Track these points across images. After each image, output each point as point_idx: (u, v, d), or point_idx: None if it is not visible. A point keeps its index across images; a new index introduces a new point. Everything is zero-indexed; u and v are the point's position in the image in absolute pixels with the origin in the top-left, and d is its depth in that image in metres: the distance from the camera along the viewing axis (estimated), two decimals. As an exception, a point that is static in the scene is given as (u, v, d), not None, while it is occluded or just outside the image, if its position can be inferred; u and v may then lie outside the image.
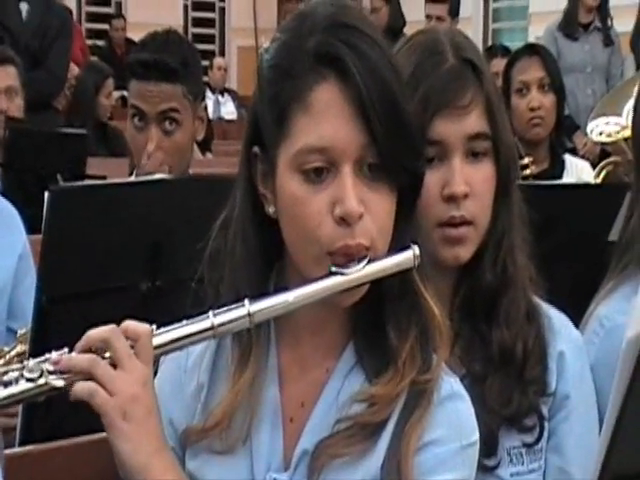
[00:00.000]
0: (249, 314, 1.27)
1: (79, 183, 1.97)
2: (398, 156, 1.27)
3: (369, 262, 1.28)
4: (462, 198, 1.57)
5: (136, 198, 2.02)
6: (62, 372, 1.23)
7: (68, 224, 1.91)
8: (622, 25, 6.38)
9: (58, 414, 1.79)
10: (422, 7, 6.00)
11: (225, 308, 1.28)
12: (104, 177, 3.45)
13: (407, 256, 1.29)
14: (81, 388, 1.23)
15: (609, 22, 6.28)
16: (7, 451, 1.56)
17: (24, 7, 5.59)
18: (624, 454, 0.83)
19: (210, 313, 1.27)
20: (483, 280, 1.60)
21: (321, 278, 1.28)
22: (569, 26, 6.13)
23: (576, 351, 1.63)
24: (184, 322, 1.28)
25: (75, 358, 1.23)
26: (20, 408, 1.87)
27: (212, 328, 1.27)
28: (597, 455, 0.84)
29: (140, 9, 11.06)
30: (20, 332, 2.16)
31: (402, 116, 1.28)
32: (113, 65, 7.17)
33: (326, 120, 1.26)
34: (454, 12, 5.96)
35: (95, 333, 1.24)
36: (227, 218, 1.38)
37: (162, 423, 1.26)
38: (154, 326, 1.28)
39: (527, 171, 3.48)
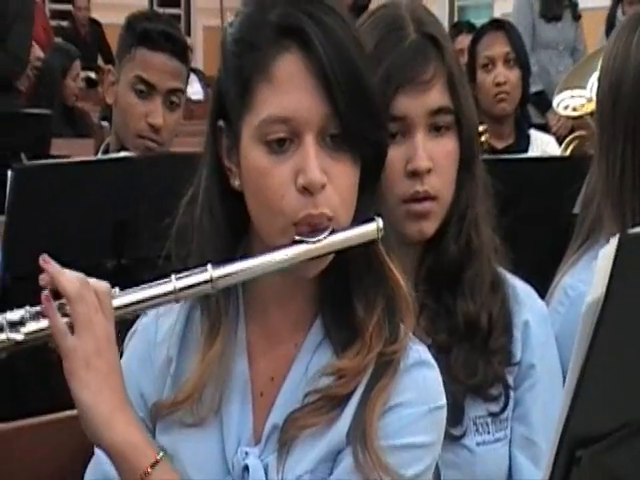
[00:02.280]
0: (211, 279, 1.28)
1: (43, 161, 1.96)
2: (360, 127, 1.28)
3: (332, 233, 1.29)
4: (425, 173, 1.57)
5: (101, 176, 2.02)
6: (22, 324, 1.24)
7: (32, 203, 1.91)
8: (588, 1, 6.40)
9: (23, 393, 1.79)
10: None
11: (188, 272, 1.29)
12: (68, 157, 3.43)
13: (370, 228, 1.30)
14: (58, 326, 1.24)
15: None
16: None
17: (-18, -13, 5.53)
18: (584, 417, 0.84)
19: (173, 277, 1.28)
20: (447, 252, 1.62)
21: (285, 246, 1.28)
22: (548, 6, 6.13)
23: (541, 321, 1.65)
24: (146, 285, 1.29)
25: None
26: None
27: (174, 292, 1.28)
28: (558, 419, 0.85)
29: (104, -11, 10.96)
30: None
31: (365, 88, 1.29)
32: (77, 45, 7.12)
33: (289, 91, 1.27)
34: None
35: (70, 284, 1.26)
36: (194, 194, 1.38)
37: (124, 383, 1.27)
38: (117, 288, 1.28)
39: (482, 138, 3.50)
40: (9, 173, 1.86)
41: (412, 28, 1.61)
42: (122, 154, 2.31)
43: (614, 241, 0.82)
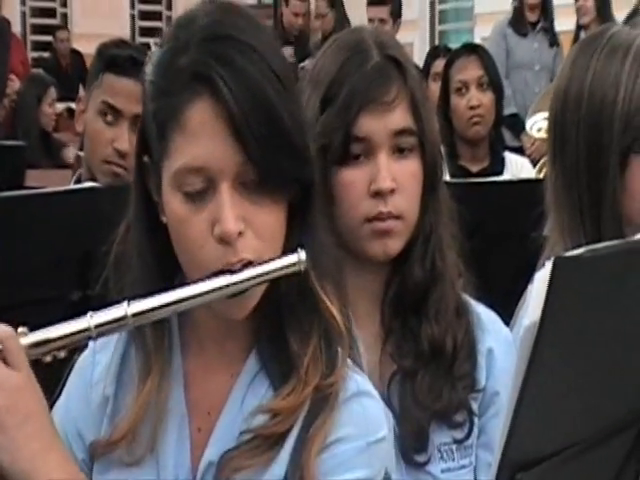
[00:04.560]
0: (126, 315, 1.24)
1: (7, 193, 1.95)
2: (277, 170, 1.25)
3: (250, 265, 1.25)
4: (389, 194, 1.58)
5: (65, 207, 2.01)
6: None
7: (-5, 234, 1.90)
8: (563, 24, 6.46)
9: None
10: (365, 10, 6.03)
11: (105, 309, 1.26)
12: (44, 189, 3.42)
13: (291, 260, 1.27)
14: None
15: (553, 22, 6.38)
16: None
17: (-40, 20, 5.54)
18: (524, 440, 0.84)
19: (89, 314, 1.25)
20: (412, 275, 1.62)
21: (204, 279, 1.26)
22: (518, 23, 6.23)
23: (505, 348, 1.64)
24: (63, 323, 1.25)
25: None
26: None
27: (89, 329, 1.24)
28: (499, 442, 0.85)
29: (86, 20, 11.00)
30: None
31: (281, 128, 1.25)
32: (58, 77, 7.14)
33: (200, 140, 1.24)
34: (396, 14, 6.00)
35: None
36: (128, 225, 1.37)
37: (51, 423, 1.23)
38: (25, 328, 1.25)
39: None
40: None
41: (375, 51, 1.62)
42: (87, 184, 2.30)
43: (549, 264, 0.82)
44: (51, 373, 1.37)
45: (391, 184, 1.58)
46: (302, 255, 1.26)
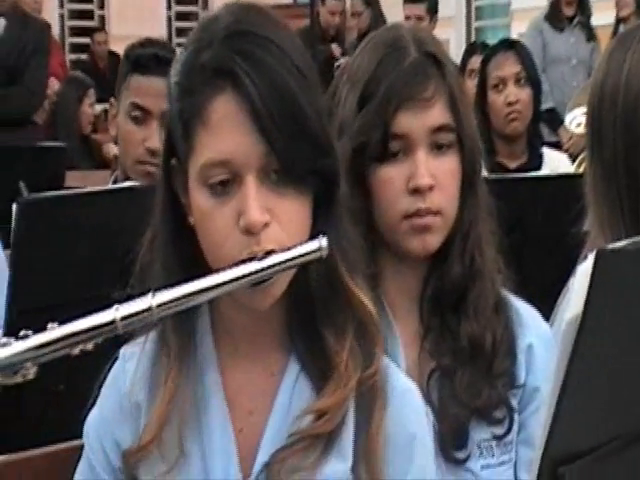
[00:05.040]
0: (152, 306, 1.24)
1: (47, 194, 1.97)
2: (301, 161, 1.27)
3: (272, 253, 1.26)
4: (427, 190, 1.58)
5: (105, 206, 2.02)
6: None
7: (37, 235, 1.91)
8: (600, 19, 6.42)
9: (30, 423, 1.79)
10: (401, 8, 6.02)
11: (130, 302, 1.26)
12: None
13: (313, 246, 1.27)
14: None
15: (590, 17, 6.34)
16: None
17: (1, 23, 5.60)
18: (566, 434, 0.83)
19: (115, 306, 1.25)
20: (451, 272, 1.61)
21: (226, 268, 1.26)
22: (555, 17, 6.20)
23: (545, 344, 1.63)
24: (90, 316, 1.26)
25: None
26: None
27: (114, 321, 1.24)
28: (540, 440, 0.85)
29: (123, 22, 11.05)
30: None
31: (302, 118, 1.27)
32: (96, 78, 7.18)
33: (224, 133, 1.26)
34: (432, 11, 5.99)
35: None
36: (154, 231, 1.38)
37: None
38: (55, 323, 1.26)
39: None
40: (14, 206, 1.87)
41: (413, 48, 1.62)
42: (126, 184, 2.32)
43: (591, 257, 0.82)
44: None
45: (429, 181, 1.58)
46: (323, 242, 1.26)
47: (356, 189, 1.55)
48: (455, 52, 7.13)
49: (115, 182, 2.66)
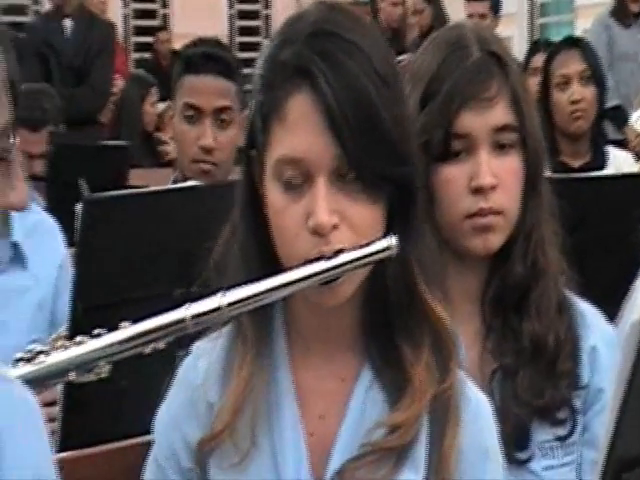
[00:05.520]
0: (222, 305, 1.27)
1: (110, 192, 2.00)
2: (373, 166, 1.26)
3: (342, 252, 1.27)
4: (490, 190, 1.57)
5: (168, 206, 2.04)
6: None
7: (100, 233, 1.93)
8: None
9: (95, 420, 1.82)
10: (463, 6, 5.99)
11: (201, 300, 1.28)
12: (146, 187, 3.48)
13: (382, 244, 1.27)
14: None
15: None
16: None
17: (68, 24, 5.69)
18: (630, 439, 0.83)
19: (185, 305, 1.28)
20: (513, 273, 1.61)
21: (296, 267, 1.27)
22: (621, 13, 6.12)
23: (609, 345, 1.62)
24: (162, 315, 1.28)
25: None
26: (59, 414, 1.90)
27: (185, 320, 1.28)
28: (604, 441, 0.84)
29: (186, 20, 11.12)
30: (52, 337, 2.18)
31: (378, 124, 1.26)
32: (159, 77, 7.23)
33: (299, 132, 1.26)
34: (495, 8, 5.95)
35: None
36: (234, 223, 1.39)
37: None
38: (127, 322, 1.29)
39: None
40: (78, 205, 1.90)
41: (475, 47, 1.61)
42: (188, 183, 2.34)
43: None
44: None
45: (492, 180, 1.57)
46: (393, 240, 1.27)
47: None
48: (518, 49, 7.08)
49: (175, 182, 2.69)
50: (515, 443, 1.54)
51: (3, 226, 2.46)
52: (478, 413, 1.35)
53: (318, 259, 1.26)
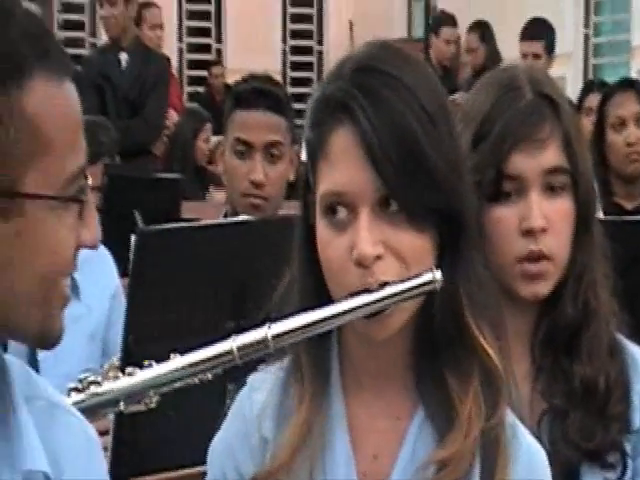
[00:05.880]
0: (268, 336, 1.29)
1: (164, 225, 2.03)
2: (417, 200, 1.27)
3: (386, 285, 1.28)
4: (540, 232, 1.58)
5: (220, 239, 2.07)
6: None
7: (153, 265, 1.96)
8: None
9: (145, 450, 1.83)
10: (517, 45, 5.97)
11: (247, 332, 1.30)
12: (198, 220, 3.52)
13: (426, 278, 1.28)
14: None
15: None
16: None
17: (123, 57, 5.78)
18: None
19: (232, 337, 1.30)
20: (564, 314, 1.61)
21: (342, 299, 1.29)
22: None
23: None
24: (209, 347, 1.31)
25: None
26: (110, 443, 1.92)
27: (231, 352, 1.30)
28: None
29: (239, 55, 11.21)
30: (104, 367, 2.21)
31: (421, 160, 1.27)
32: (212, 111, 7.30)
33: (341, 166, 1.28)
34: (550, 48, 5.92)
35: None
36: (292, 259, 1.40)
37: None
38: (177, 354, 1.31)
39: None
40: (132, 237, 1.93)
41: (528, 88, 1.62)
42: (240, 217, 2.36)
43: None
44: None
45: (542, 223, 1.57)
46: (437, 274, 1.28)
47: None
48: (571, 89, 7.07)
49: (226, 216, 2.72)
50: None
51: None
52: (532, 461, 1.34)
53: (362, 292, 1.27)
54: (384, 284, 1.27)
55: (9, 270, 1.07)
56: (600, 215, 1.76)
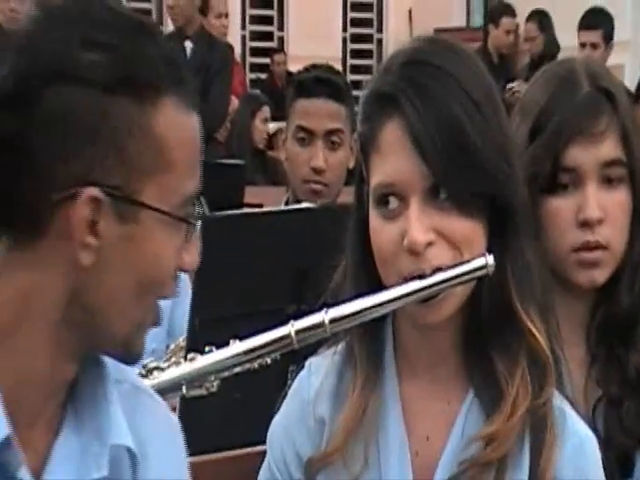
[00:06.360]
0: (326, 321, 1.31)
1: (228, 212, 2.05)
2: (465, 187, 1.29)
3: (439, 270, 1.29)
4: (597, 223, 1.58)
5: (282, 226, 2.08)
6: None
7: (219, 251, 1.98)
8: None
9: (209, 429, 1.86)
10: (575, 33, 5.91)
11: (305, 317, 1.33)
12: (261, 205, 3.55)
13: (478, 263, 1.29)
14: None
15: None
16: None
17: (188, 45, 5.81)
18: None
19: (290, 322, 1.33)
20: (620, 303, 1.60)
21: (398, 284, 1.30)
22: None
23: None
24: (268, 332, 1.34)
25: None
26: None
27: (289, 336, 1.32)
28: None
29: (301, 42, 11.22)
30: (171, 347, 2.24)
31: (470, 149, 1.28)
32: (275, 98, 7.32)
33: (390, 158, 1.31)
34: (608, 37, 5.85)
35: None
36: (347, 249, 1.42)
37: None
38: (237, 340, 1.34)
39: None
40: (198, 223, 1.95)
41: (586, 82, 1.61)
42: (303, 205, 2.38)
43: None
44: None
45: (599, 214, 1.57)
46: (490, 259, 1.29)
47: None
48: (630, 77, 6.96)
49: (287, 203, 2.74)
50: (619, 471, 1.54)
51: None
52: (582, 449, 1.35)
53: (416, 277, 1.29)
54: (437, 269, 1.29)
55: (112, 271, 1.11)
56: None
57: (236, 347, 1.35)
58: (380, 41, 12.50)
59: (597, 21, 5.81)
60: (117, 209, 1.09)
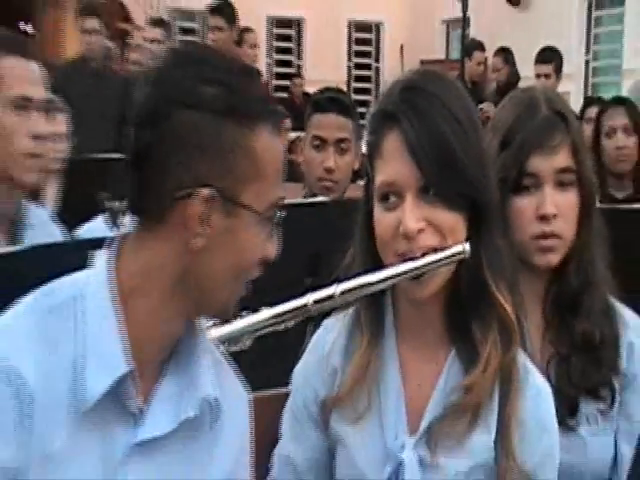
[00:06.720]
0: (337, 292, 1.32)
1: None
2: (448, 187, 1.30)
3: (426, 255, 1.31)
4: (552, 218, 1.58)
5: (301, 216, 2.07)
6: None
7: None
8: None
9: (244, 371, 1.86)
10: (532, 66, 5.89)
11: (321, 290, 1.35)
12: (282, 198, 3.52)
13: (457, 249, 1.31)
14: None
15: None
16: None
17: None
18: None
19: (308, 294, 1.35)
20: (569, 282, 1.61)
21: (394, 264, 1.32)
22: None
23: None
24: (291, 301, 1.36)
25: None
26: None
27: (307, 305, 1.34)
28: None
29: (315, 69, 11.24)
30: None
31: (452, 156, 1.30)
32: (293, 112, 7.30)
33: (391, 162, 1.32)
34: (558, 70, 5.84)
35: None
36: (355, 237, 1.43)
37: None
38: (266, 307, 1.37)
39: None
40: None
41: (544, 106, 1.62)
42: (319, 199, 2.37)
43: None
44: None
45: (554, 210, 1.58)
46: (467, 246, 1.31)
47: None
48: (574, 102, 6.94)
49: (305, 197, 2.74)
50: (567, 413, 1.54)
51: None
52: (540, 397, 1.36)
53: (408, 259, 1.30)
54: (424, 254, 1.30)
55: (216, 254, 1.15)
56: (597, 204, 1.75)
57: (265, 312, 1.36)
58: (378, 69, 12.48)
59: (550, 57, 5.79)
60: (224, 207, 1.13)
